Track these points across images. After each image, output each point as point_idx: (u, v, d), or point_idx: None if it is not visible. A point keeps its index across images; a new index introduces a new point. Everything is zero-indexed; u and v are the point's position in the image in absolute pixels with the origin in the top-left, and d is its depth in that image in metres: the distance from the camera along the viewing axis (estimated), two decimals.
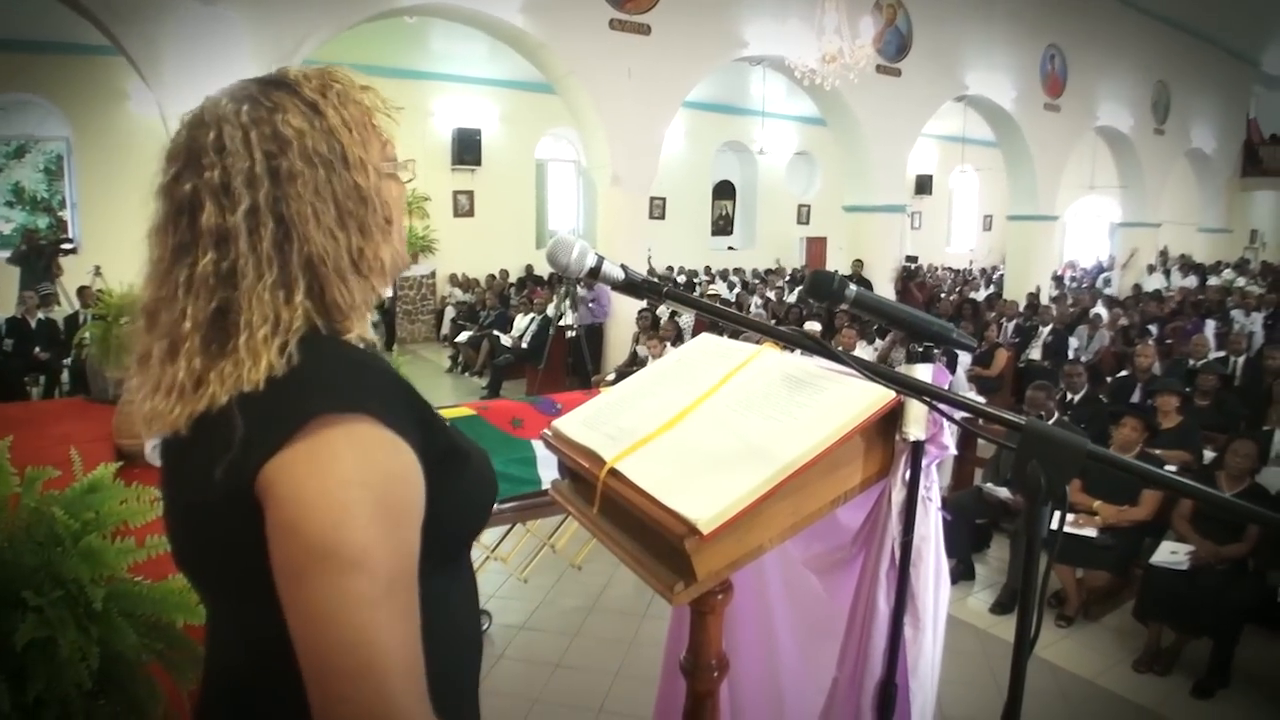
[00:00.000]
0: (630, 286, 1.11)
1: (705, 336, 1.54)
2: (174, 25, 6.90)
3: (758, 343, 1.42)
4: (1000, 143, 14.72)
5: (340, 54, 11.34)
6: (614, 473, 1.24)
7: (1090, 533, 4.63)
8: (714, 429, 1.25)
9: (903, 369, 1.15)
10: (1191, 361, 7.54)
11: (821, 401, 1.23)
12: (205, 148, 0.86)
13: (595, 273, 1.10)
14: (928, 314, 1.23)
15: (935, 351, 1.19)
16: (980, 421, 1.09)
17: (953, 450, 1.25)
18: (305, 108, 0.89)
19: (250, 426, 0.79)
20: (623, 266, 1.12)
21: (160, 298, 0.88)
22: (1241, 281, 16.08)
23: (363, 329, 0.93)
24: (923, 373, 1.16)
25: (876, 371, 1.03)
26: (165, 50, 6.89)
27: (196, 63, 6.91)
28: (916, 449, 1.21)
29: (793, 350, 1.32)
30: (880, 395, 1.19)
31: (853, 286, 1.12)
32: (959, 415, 1.04)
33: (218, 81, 0.95)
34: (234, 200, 0.84)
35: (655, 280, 1.12)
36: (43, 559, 1.53)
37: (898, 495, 1.24)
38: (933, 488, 1.25)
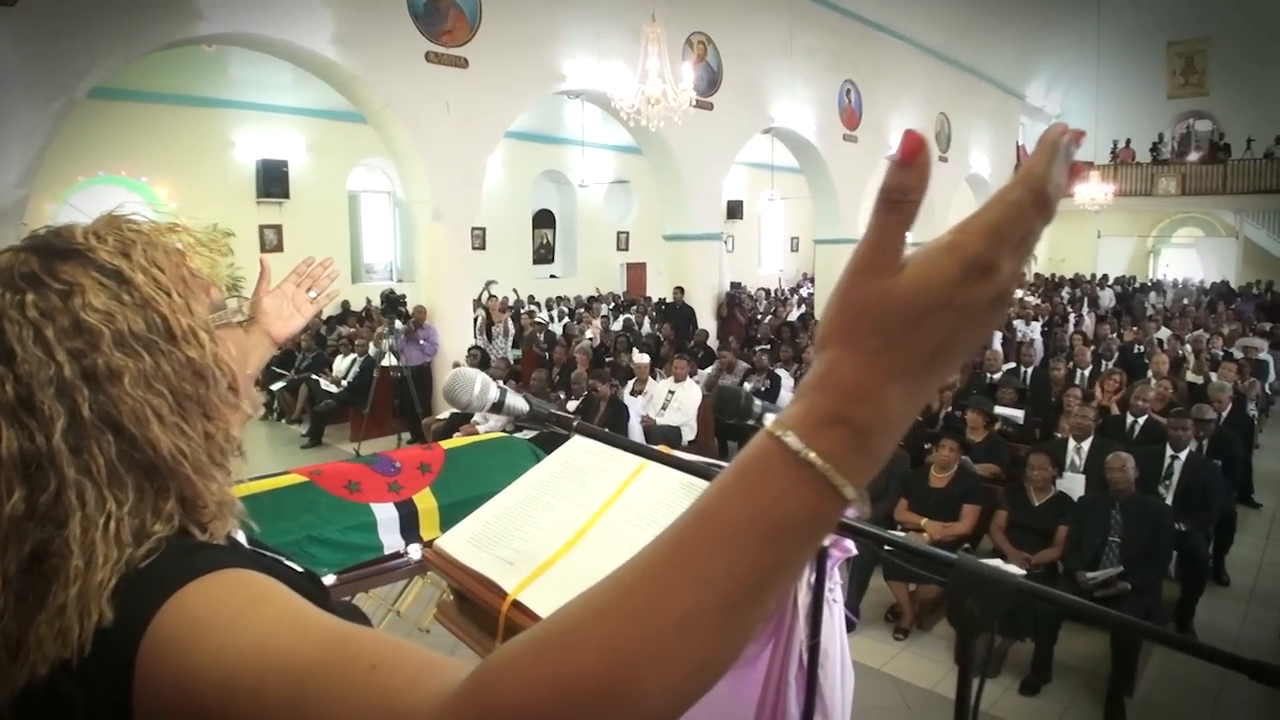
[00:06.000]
0: (536, 419, 1.05)
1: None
2: None
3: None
4: (805, 171, 15.58)
5: (128, 82, 10.53)
6: (516, 604, 1.17)
7: None
8: (616, 548, 1.21)
9: None
10: (989, 375, 8.20)
11: None
12: None
13: (499, 406, 1.03)
14: None
15: None
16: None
17: (854, 551, 1.27)
18: (108, 280, 0.72)
19: (88, 689, 0.64)
20: (525, 397, 1.06)
21: None
22: (1019, 293, 17.72)
23: (231, 522, 0.78)
24: None
25: None
26: None
27: None
28: (821, 553, 1.22)
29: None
30: None
31: (758, 402, 1.12)
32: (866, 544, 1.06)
33: None
34: (45, 418, 0.67)
35: (563, 414, 1.07)
36: None
37: (804, 599, 1.25)
38: (836, 589, 1.27)
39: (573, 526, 1.26)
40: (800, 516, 0.47)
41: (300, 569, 0.97)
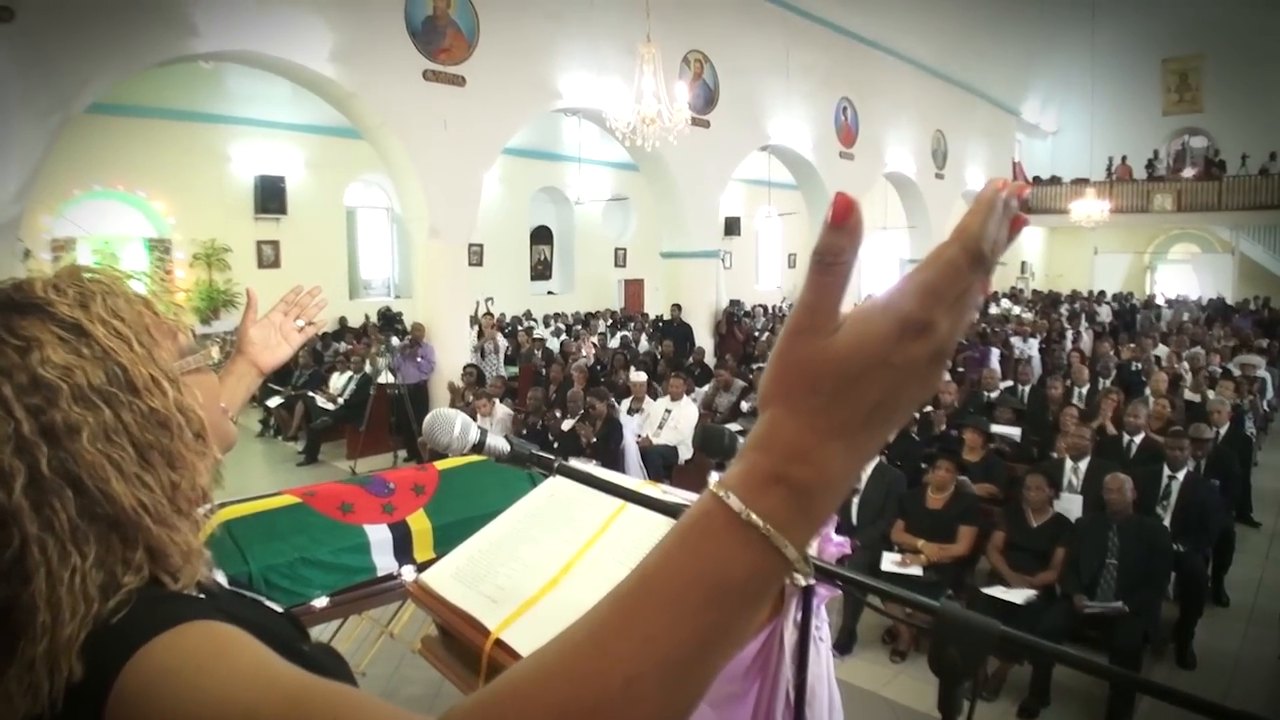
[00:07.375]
0: (516, 459, 1.04)
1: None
2: None
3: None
4: (801, 188, 15.63)
5: (126, 97, 10.56)
6: (499, 642, 1.15)
7: (917, 571, 4.90)
8: (599, 585, 1.19)
9: None
10: (986, 394, 8.17)
11: None
12: None
13: (480, 447, 1.02)
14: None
15: None
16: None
17: (839, 591, 1.26)
18: (66, 333, 0.72)
19: None
20: (507, 437, 1.05)
21: None
22: (1016, 310, 17.73)
23: (200, 570, 0.78)
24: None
25: None
26: None
27: None
28: (807, 592, 1.21)
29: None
30: None
31: (742, 441, 1.10)
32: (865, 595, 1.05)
33: None
34: (4, 475, 0.67)
35: (543, 455, 1.05)
36: None
37: (790, 637, 1.23)
38: (823, 627, 1.25)
39: (557, 563, 1.25)
40: (742, 577, 0.48)
41: (279, 609, 0.96)
